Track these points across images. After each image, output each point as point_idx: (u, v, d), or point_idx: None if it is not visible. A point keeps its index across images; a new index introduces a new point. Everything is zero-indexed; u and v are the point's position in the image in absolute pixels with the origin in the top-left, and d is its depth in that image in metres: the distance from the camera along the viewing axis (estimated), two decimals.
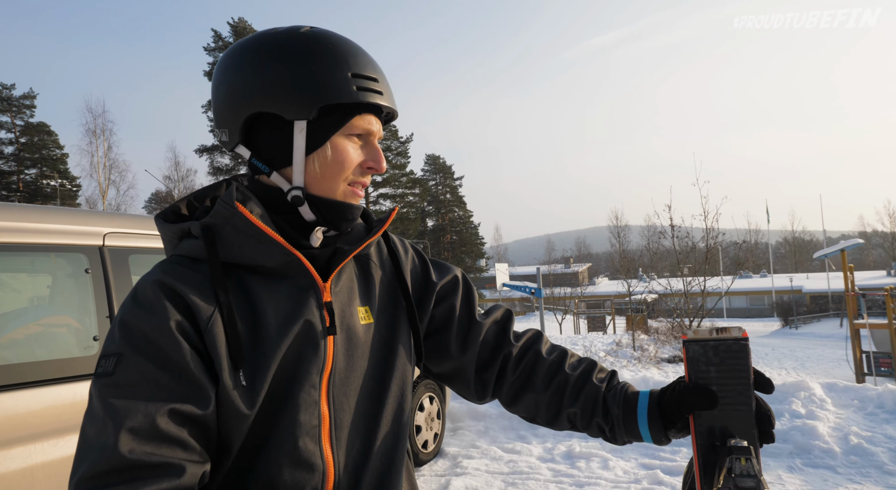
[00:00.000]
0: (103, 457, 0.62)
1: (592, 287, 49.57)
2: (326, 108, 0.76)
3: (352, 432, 0.79)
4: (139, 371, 0.67)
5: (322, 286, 0.79)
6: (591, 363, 0.95)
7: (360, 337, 0.82)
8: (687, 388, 0.80)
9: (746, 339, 0.79)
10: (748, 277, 48.54)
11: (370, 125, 0.79)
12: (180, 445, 0.66)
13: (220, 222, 0.75)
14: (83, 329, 2.31)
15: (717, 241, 9.78)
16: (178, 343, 0.69)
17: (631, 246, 37.07)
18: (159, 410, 0.65)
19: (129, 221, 2.60)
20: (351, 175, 0.79)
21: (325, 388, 0.77)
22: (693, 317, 9.47)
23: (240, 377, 0.70)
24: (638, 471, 4.01)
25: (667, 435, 0.84)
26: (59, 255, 2.30)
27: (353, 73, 0.76)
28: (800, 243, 79.17)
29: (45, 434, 1.96)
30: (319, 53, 0.76)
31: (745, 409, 0.78)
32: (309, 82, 0.75)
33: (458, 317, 0.96)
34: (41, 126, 32.77)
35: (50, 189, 31.96)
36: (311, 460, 0.74)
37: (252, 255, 0.75)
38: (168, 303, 0.70)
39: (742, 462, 0.72)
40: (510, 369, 0.96)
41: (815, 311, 31.19)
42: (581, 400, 0.90)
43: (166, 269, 0.74)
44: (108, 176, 29.82)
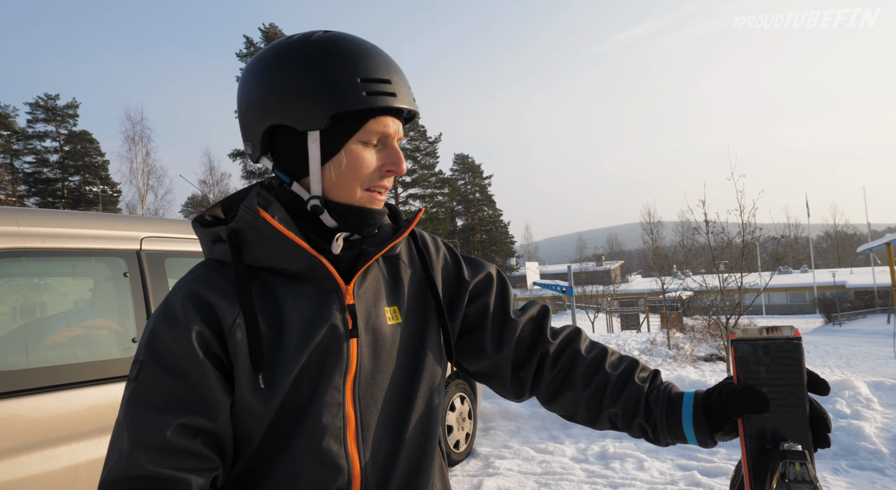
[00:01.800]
0: (119, 464, 0.68)
1: (625, 285, 48.80)
2: (339, 116, 0.76)
3: (379, 433, 0.79)
4: (155, 381, 0.71)
5: (344, 289, 0.79)
6: (632, 362, 0.92)
7: (386, 338, 0.82)
8: (736, 390, 0.77)
9: (799, 339, 0.76)
10: (788, 273, 47.02)
11: (386, 128, 0.78)
12: (190, 456, 0.69)
13: (244, 227, 0.77)
14: (122, 331, 2.38)
15: (753, 237, 9.49)
16: (195, 355, 0.71)
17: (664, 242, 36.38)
18: (170, 423, 0.68)
19: (165, 226, 2.67)
20: (368, 180, 0.78)
21: (349, 390, 0.77)
22: (731, 314, 9.20)
23: (259, 380, 0.72)
24: (674, 472, 3.92)
25: (713, 437, 0.81)
26: (98, 260, 2.38)
27: (362, 77, 0.75)
28: (842, 237, 76.33)
29: (87, 433, 2.03)
30: (327, 60, 0.75)
31: (799, 412, 0.74)
32: (318, 91, 0.74)
33: (493, 314, 0.95)
34: (84, 134, 34.04)
35: (92, 195, 33.17)
36: (335, 461, 0.75)
37: (276, 258, 0.76)
38: (193, 312, 0.73)
39: (797, 467, 0.70)
40: (548, 367, 0.94)
41: (860, 306, 29.99)
42: (622, 400, 0.88)
43: (196, 275, 0.77)
44: (146, 181, 30.78)
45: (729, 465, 3.95)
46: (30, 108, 32.86)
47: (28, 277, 2.33)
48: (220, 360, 0.73)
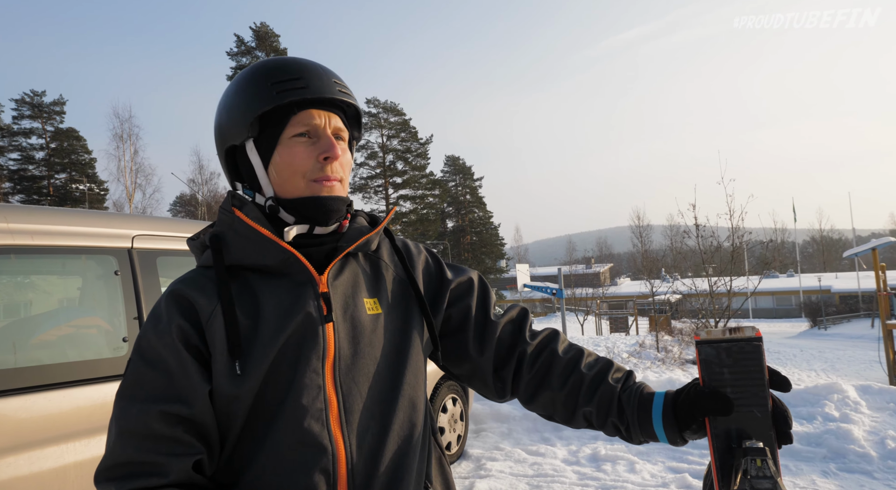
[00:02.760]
0: (108, 453, 0.75)
1: (614, 287, 49.04)
2: (265, 122, 0.84)
3: (365, 417, 0.82)
4: (139, 375, 0.77)
5: (318, 279, 0.84)
6: (607, 363, 0.96)
7: (366, 326, 0.86)
8: (701, 392, 0.80)
9: (760, 339, 0.78)
10: (774, 277, 47.51)
11: (311, 119, 0.84)
12: (172, 442, 0.74)
13: (223, 229, 0.85)
14: (113, 330, 2.34)
15: (742, 241, 9.58)
16: (175, 348, 0.77)
17: (653, 246, 36.60)
18: (152, 411, 0.74)
19: (157, 224, 2.64)
20: (309, 172, 0.84)
21: (329, 374, 0.80)
22: (719, 317, 9.28)
23: (235, 367, 0.77)
24: (665, 474, 3.93)
25: (682, 436, 0.85)
26: (89, 258, 2.34)
27: (273, 81, 0.83)
28: (828, 242, 77.29)
29: (76, 434, 1.99)
30: (249, 79, 0.86)
31: (761, 411, 0.77)
32: (241, 105, 0.84)
33: (475, 317, 0.99)
34: (70, 132, 33.63)
35: (79, 193, 32.77)
36: (318, 441, 0.77)
37: (253, 255, 0.83)
38: (174, 308, 0.80)
39: (758, 463, 0.72)
40: (525, 368, 0.97)
41: (845, 311, 30.38)
42: (596, 399, 0.92)
43: (182, 278, 0.85)
44: (134, 180, 30.48)
45: None
46: (15, 104, 32.40)
47: (17, 275, 2.29)
48: (200, 351, 0.78)
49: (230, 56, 30.79)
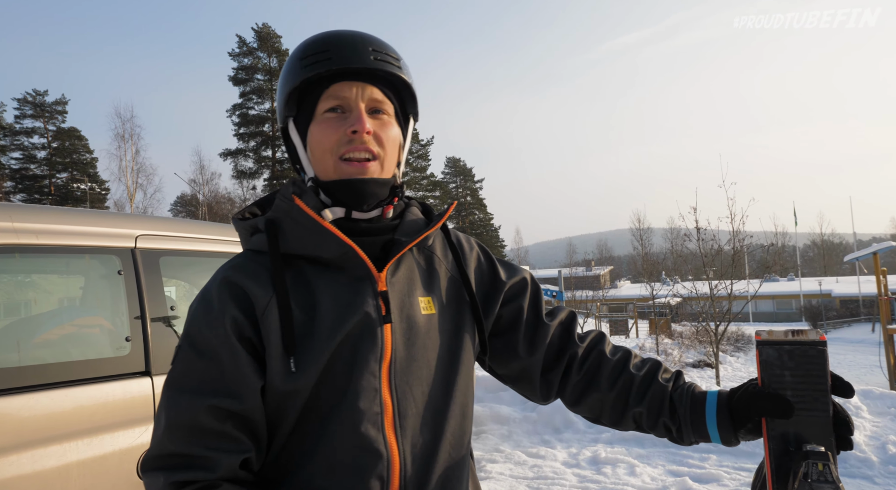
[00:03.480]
0: (156, 442, 0.73)
1: (614, 290, 49.01)
2: (302, 100, 0.83)
3: (418, 423, 0.79)
4: (189, 365, 0.75)
5: (377, 276, 0.81)
6: (655, 363, 0.94)
7: (421, 327, 0.82)
8: (760, 393, 0.78)
9: (824, 343, 0.76)
10: (775, 281, 47.47)
11: (340, 92, 0.81)
12: (221, 437, 0.71)
13: (280, 216, 0.81)
14: (115, 330, 2.34)
15: (743, 244, 9.58)
16: (228, 339, 0.74)
17: (653, 248, 36.60)
18: (201, 405, 0.71)
19: (161, 224, 2.64)
20: (336, 147, 0.80)
21: (385, 376, 0.77)
22: (719, 321, 9.27)
23: (290, 363, 0.74)
24: (666, 477, 3.93)
25: (736, 436, 0.82)
26: (92, 257, 2.35)
27: (301, 57, 0.81)
28: (828, 246, 77.26)
29: (78, 433, 2.00)
30: (288, 59, 0.85)
31: (822, 416, 0.75)
32: (280, 85, 0.85)
33: (526, 318, 0.96)
34: (72, 131, 33.69)
35: (80, 192, 32.81)
36: (374, 446, 0.75)
37: (310, 246, 0.79)
38: (227, 297, 0.76)
39: (819, 467, 0.70)
40: (575, 370, 0.96)
41: (846, 315, 30.38)
42: (647, 399, 0.89)
43: (233, 263, 0.81)
44: (135, 179, 30.49)
45: (719, 471, 3.97)
46: (17, 103, 32.48)
47: (21, 274, 2.30)
48: (253, 344, 0.75)
49: (232, 56, 30.85)
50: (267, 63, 31.01)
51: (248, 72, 30.87)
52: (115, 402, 2.10)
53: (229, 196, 33.51)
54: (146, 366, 2.25)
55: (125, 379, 2.17)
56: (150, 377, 2.24)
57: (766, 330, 0.79)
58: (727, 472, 3.95)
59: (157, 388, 2.25)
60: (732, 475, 3.89)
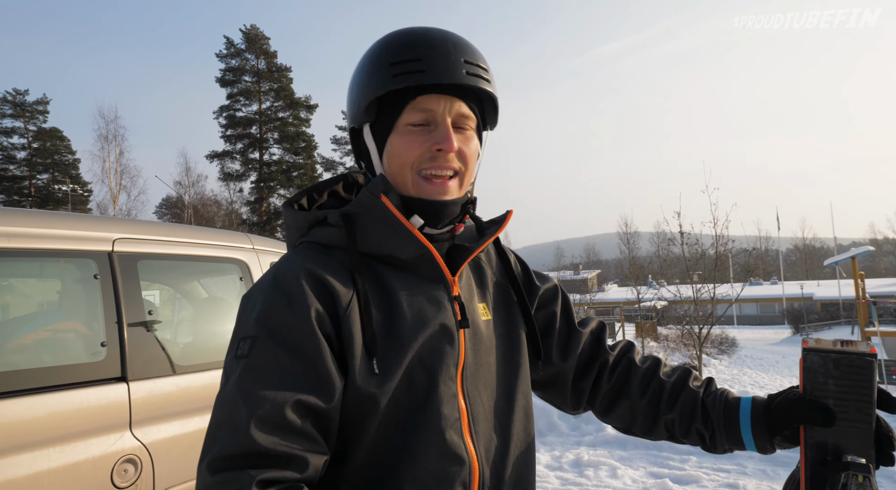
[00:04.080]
0: (234, 440, 0.64)
1: (602, 294, 49.33)
2: (382, 104, 0.78)
3: (488, 427, 0.78)
4: (273, 357, 0.69)
5: (451, 280, 0.80)
6: (685, 370, 0.93)
7: (483, 332, 0.82)
8: (801, 400, 0.77)
9: (874, 356, 0.75)
10: (758, 285, 48.11)
11: (428, 105, 0.77)
12: (305, 437, 0.67)
13: (360, 211, 0.77)
14: (91, 335, 2.31)
15: (726, 248, 9.70)
16: (314, 333, 0.70)
17: (640, 252, 36.91)
18: (288, 400, 0.66)
19: (139, 227, 2.61)
20: (417, 163, 0.77)
21: (460, 382, 0.77)
22: (703, 324, 9.38)
23: (373, 365, 0.71)
24: (647, 479, 3.97)
25: (772, 443, 0.81)
26: (68, 261, 2.32)
27: (391, 61, 0.76)
28: (810, 250, 78.50)
29: (50, 440, 1.97)
30: (371, 54, 0.79)
31: (864, 428, 0.74)
32: (360, 86, 0.79)
33: (559, 324, 0.96)
34: (54, 131, 33.23)
35: (61, 194, 32.34)
36: (458, 453, 0.73)
37: (388, 245, 0.77)
38: (311, 291, 0.72)
39: (859, 479, 0.70)
40: (605, 378, 0.95)
41: (827, 318, 30.86)
42: (679, 406, 0.88)
43: (307, 255, 0.76)
44: (119, 181, 30.13)
45: (699, 472, 4.01)
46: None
47: None
48: (332, 342, 0.71)
49: (219, 58, 30.63)
50: (255, 65, 30.83)
51: (235, 73, 30.67)
52: (89, 409, 2.08)
53: (216, 198, 33.26)
54: (122, 371, 2.22)
55: (100, 385, 2.14)
56: (126, 383, 2.21)
57: (813, 338, 0.79)
58: (706, 473, 4.00)
59: (133, 393, 2.22)
60: (711, 476, 3.94)
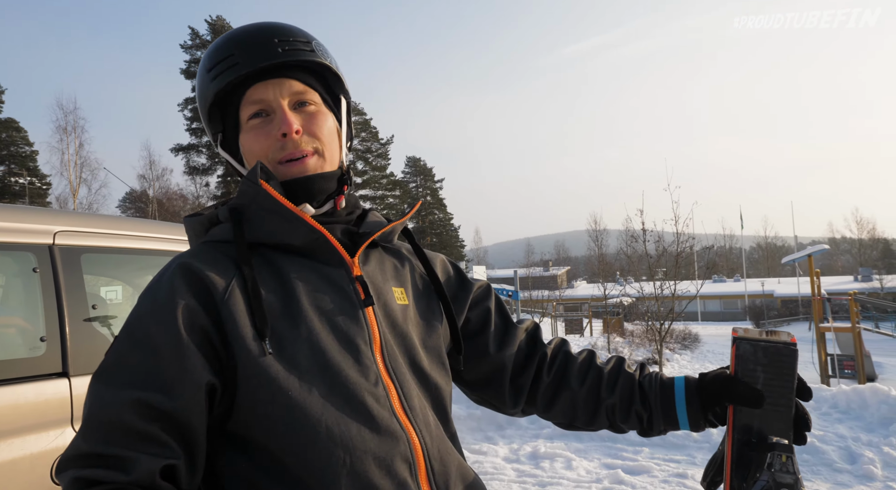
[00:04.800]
0: (72, 443, 0.64)
1: (571, 290, 50.00)
2: (224, 113, 0.81)
3: (422, 403, 0.77)
4: (122, 355, 0.67)
5: (350, 262, 0.78)
6: (620, 358, 0.97)
7: (398, 315, 0.81)
8: (734, 380, 0.81)
9: (796, 345, 0.81)
10: (722, 282, 49.42)
11: (257, 95, 0.77)
12: (143, 439, 0.63)
13: (245, 202, 0.76)
14: (31, 329, 2.26)
15: (686, 246, 9.96)
16: (174, 328, 0.66)
17: (609, 250, 37.52)
18: (126, 399, 0.63)
19: (83, 220, 2.56)
20: (271, 155, 0.78)
21: (380, 360, 0.75)
22: (663, 320, 9.61)
23: (265, 346, 0.68)
24: (600, 470, 4.06)
25: (705, 417, 0.85)
26: (5, 254, 2.26)
27: (208, 67, 0.78)
28: (772, 248, 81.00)
29: None
30: (198, 69, 0.82)
31: (785, 411, 0.79)
32: (198, 103, 0.83)
33: (494, 319, 0.98)
34: (9, 122, 31.97)
35: (18, 187, 31.16)
36: (392, 429, 0.71)
37: (278, 233, 0.75)
38: (180, 283, 0.69)
39: (783, 459, 0.75)
40: (545, 371, 0.96)
41: (786, 314, 31.96)
42: (618, 389, 0.91)
43: (190, 251, 0.75)
44: (79, 174, 29.19)
45: (650, 463, 4.13)
46: None
47: None
48: (209, 334, 0.68)
49: (184, 49, 29.95)
50: None
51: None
52: (28, 404, 2.03)
53: (181, 192, 32.51)
54: (63, 367, 2.18)
55: (39, 380, 2.10)
56: (67, 378, 2.17)
57: (742, 327, 0.83)
58: (657, 463, 4.11)
59: (75, 389, 2.18)
60: (662, 466, 4.06)
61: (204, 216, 0.80)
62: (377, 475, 0.68)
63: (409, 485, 0.69)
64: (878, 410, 4.74)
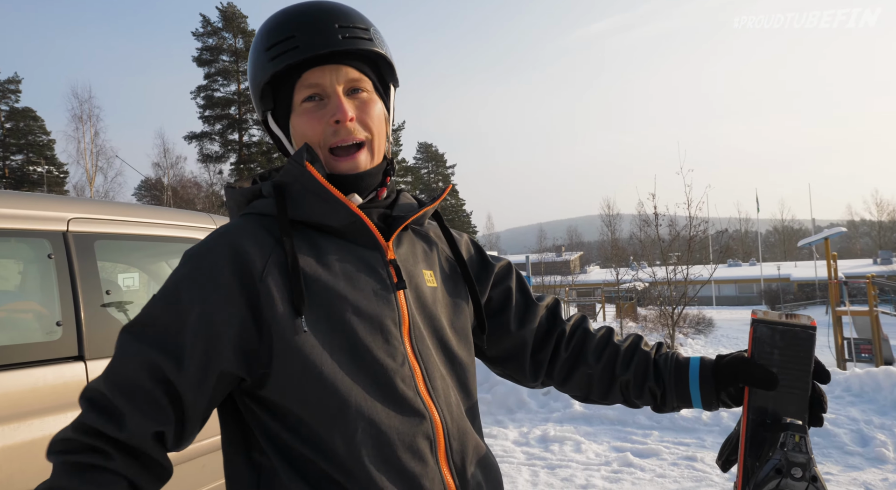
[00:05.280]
0: (99, 376, 0.71)
1: (583, 275, 49.80)
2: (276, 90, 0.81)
3: (445, 384, 0.81)
4: (153, 313, 0.72)
5: (385, 245, 0.81)
6: (637, 336, 0.99)
7: (428, 297, 0.85)
8: (751, 362, 0.82)
9: (815, 329, 0.81)
10: (738, 265, 48.90)
11: (313, 79, 0.78)
12: (145, 398, 0.68)
13: (289, 180, 0.78)
14: (47, 314, 2.31)
15: (699, 230, 9.85)
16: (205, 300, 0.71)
17: (623, 234, 37.24)
18: (146, 357, 0.69)
19: (95, 207, 2.60)
20: (323, 141, 0.79)
21: (408, 341, 0.78)
22: (676, 304, 9.56)
23: (301, 323, 0.71)
24: (609, 453, 4.09)
25: (718, 398, 0.86)
26: (20, 241, 2.31)
27: (267, 46, 0.79)
28: (789, 232, 79.80)
29: (6, 418, 1.98)
30: (253, 45, 0.83)
31: (801, 394, 0.80)
32: (250, 79, 0.82)
33: (515, 297, 1.00)
34: (27, 111, 32.38)
35: (37, 175, 31.65)
36: (416, 407, 0.75)
37: (318, 213, 0.78)
38: (223, 257, 0.73)
39: (796, 439, 0.76)
40: (563, 347, 0.99)
41: (802, 298, 31.58)
42: (633, 367, 0.93)
43: (233, 223, 0.78)
44: (95, 162, 29.50)
45: (660, 446, 4.14)
46: None
47: None
48: (243, 318, 0.71)
49: (196, 36, 29.98)
50: (232, 44, 30.22)
51: (212, 52, 30.05)
52: (46, 387, 2.09)
53: (195, 180, 32.79)
54: (79, 350, 2.23)
55: (56, 364, 2.15)
56: (83, 361, 2.23)
57: (762, 310, 0.84)
58: (666, 446, 4.13)
59: (91, 372, 2.24)
60: (671, 449, 4.07)
61: (249, 189, 0.83)
62: (399, 449, 0.72)
63: (429, 460, 0.74)
64: (891, 393, 4.69)
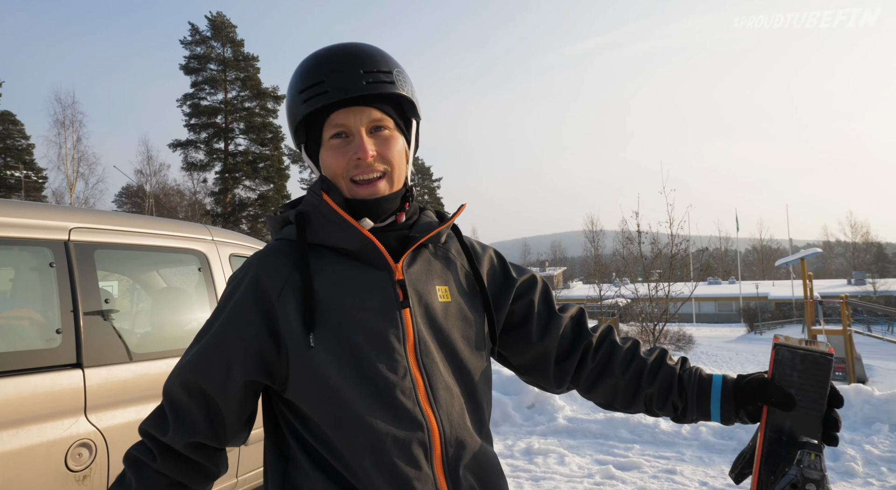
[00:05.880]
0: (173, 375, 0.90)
1: (567, 291, 50.08)
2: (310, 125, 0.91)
3: (449, 395, 0.87)
4: (199, 334, 0.90)
5: (394, 266, 0.89)
6: (663, 350, 1.04)
7: (438, 312, 0.91)
8: (770, 383, 0.88)
9: (832, 356, 0.87)
10: (717, 284, 49.61)
11: (339, 119, 0.88)
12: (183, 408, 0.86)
13: (309, 209, 0.92)
14: (46, 322, 2.34)
15: (680, 248, 10.07)
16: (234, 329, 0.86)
17: (606, 251, 37.65)
18: (184, 373, 0.87)
19: (96, 217, 2.64)
20: (346, 172, 0.89)
21: (412, 356, 0.86)
22: (657, 321, 9.73)
23: (309, 340, 0.82)
24: (592, 466, 4.17)
25: (737, 414, 0.93)
26: (22, 249, 2.34)
27: (300, 89, 0.88)
28: (767, 251, 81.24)
29: (4, 424, 2.00)
30: (290, 83, 0.92)
31: (816, 415, 0.86)
32: (287, 115, 0.93)
33: (538, 310, 1.05)
34: (6, 115, 31.86)
35: (14, 180, 31.06)
36: (414, 417, 0.83)
37: (335, 238, 0.89)
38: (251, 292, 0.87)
39: (812, 456, 0.80)
40: (590, 357, 1.04)
41: (780, 317, 32.09)
42: (658, 381, 0.99)
43: (264, 249, 0.93)
44: (76, 168, 29.11)
45: (641, 459, 4.24)
46: None
47: None
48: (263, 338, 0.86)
49: (184, 45, 29.89)
50: (220, 53, 30.20)
51: (200, 61, 29.97)
52: (44, 394, 2.11)
53: (178, 188, 32.49)
54: (77, 358, 2.26)
55: (55, 371, 2.18)
56: (81, 369, 2.26)
57: (783, 335, 0.90)
58: (647, 459, 4.22)
59: (89, 380, 2.27)
60: (652, 462, 4.17)
61: (280, 217, 0.96)
62: (395, 454, 0.81)
63: (423, 465, 0.82)
64: (861, 410, 4.86)
